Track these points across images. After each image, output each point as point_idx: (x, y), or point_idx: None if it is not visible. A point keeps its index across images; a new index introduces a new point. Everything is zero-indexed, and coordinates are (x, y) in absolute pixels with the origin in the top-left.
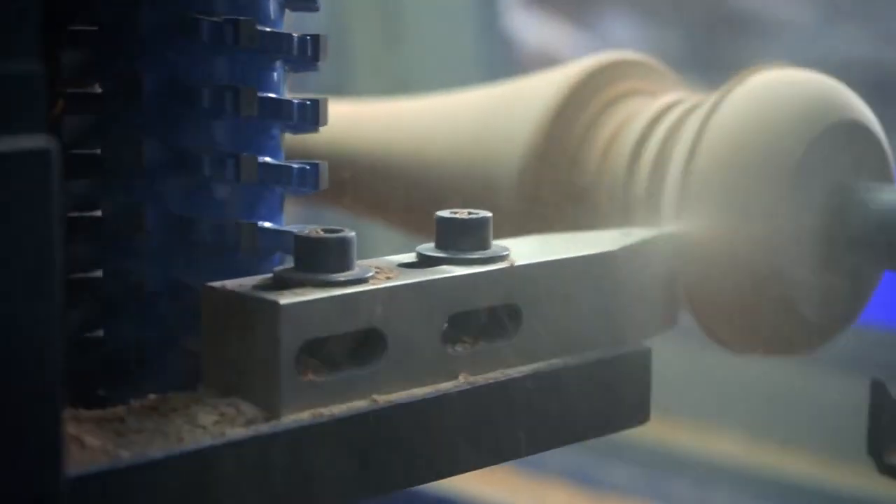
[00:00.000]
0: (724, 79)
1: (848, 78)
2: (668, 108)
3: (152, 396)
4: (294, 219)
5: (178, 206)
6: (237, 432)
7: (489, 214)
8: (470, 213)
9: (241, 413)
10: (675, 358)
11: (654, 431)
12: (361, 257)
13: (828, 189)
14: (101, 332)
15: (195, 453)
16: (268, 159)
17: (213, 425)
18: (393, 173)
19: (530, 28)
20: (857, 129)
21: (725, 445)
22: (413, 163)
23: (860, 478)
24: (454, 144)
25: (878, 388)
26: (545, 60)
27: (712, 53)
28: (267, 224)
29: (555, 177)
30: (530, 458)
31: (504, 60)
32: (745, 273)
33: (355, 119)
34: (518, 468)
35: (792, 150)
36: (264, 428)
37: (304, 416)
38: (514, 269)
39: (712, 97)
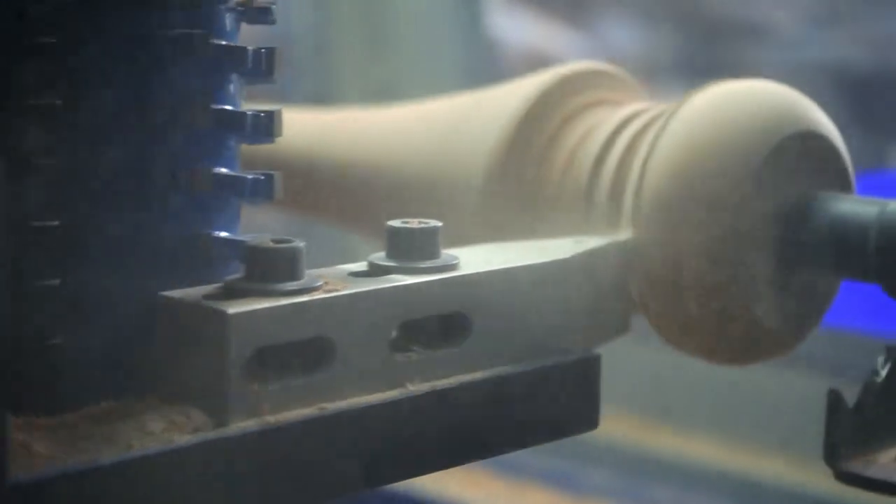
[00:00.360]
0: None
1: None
2: (631, 118)
3: (105, 404)
4: (282, 228)
5: (136, 216)
6: (185, 439)
7: (439, 224)
8: (420, 223)
9: (190, 420)
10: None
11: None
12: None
13: (786, 199)
14: (57, 341)
15: (143, 460)
16: (222, 170)
17: (161, 432)
18: (359, 183)
19: (524, 30)
20: (815, 140)
21: (700, 448)
22: (378, 172)
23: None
24: (420, 154)
25: (833, 397)
26: (538, 63)
27: (708, 56)
28: (223, 234)
29: (518, 187)
30: (510, 461)
31: (489, 65)
32: (702, 282)
33: (323, 128)
34: (497, 471)
35: (748, 159)
36: (212, 435)
37: (251, 424)
38: (462, 278)
39: (672, 107)
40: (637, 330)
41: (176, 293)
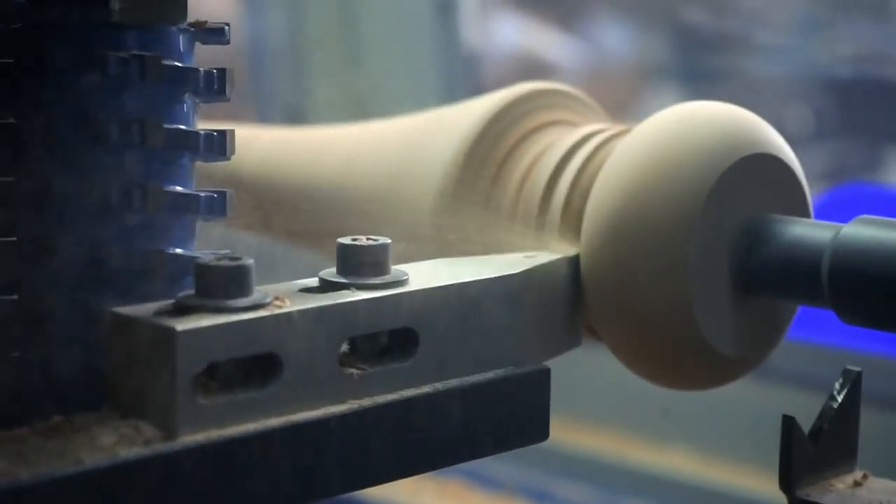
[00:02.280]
0: (710, 87)
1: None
2: (586, 139)
3: (57, 418)
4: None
5: (90, 233)
6: (134, 452)
7: (388, 241)
8: (369, 240)
9: (140, 434)
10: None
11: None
12: None
13: (739, 222)
14: (10, 356)
15: (92, 473)
16: (176, 188)
17: (112, 446)
18: (318, 201)
19: (515, 35)
20: (769, 163)
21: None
22: (336, 190)
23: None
24: (377, 172)
25: (788, 424)
26: (529, 68)
27: (699, 62)
28: (177, 251)
29: (472, 207)
30: (485, 473)
31: (467, 74)
32: (652, 307)
33: (285, 147)
34: (472, 483)
35: (700, 182)
36: (161, 448)
37: (199, 437)
38: (411, 294)
39: (627, 128)
40: None
41: (127, 309)
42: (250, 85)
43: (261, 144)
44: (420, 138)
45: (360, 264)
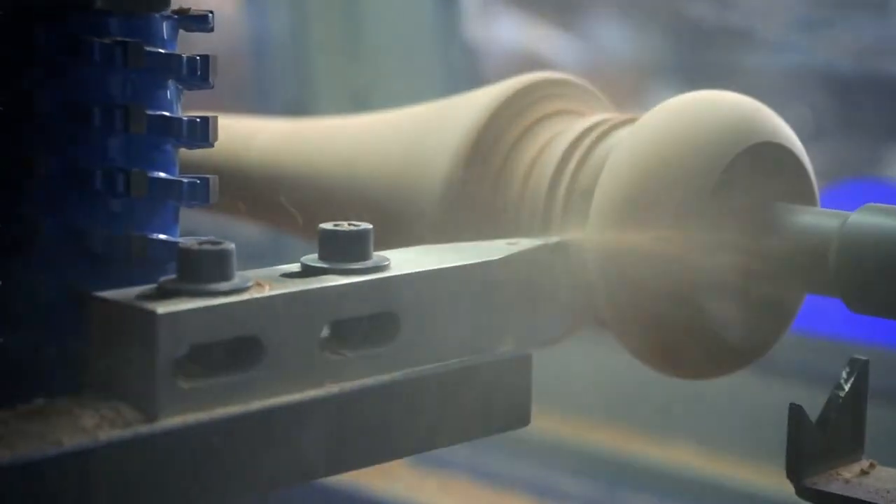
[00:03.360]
0: (711, 83)
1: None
2: (592, 128)
3: (38, 401)
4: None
5: (73, 218)
6: (114, 434)
7: (370, 226)
8: (351, 225)
9: (120, 416)
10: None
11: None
12: None
13: (747, 210)
14: None
15: (73, 455)
16: (160, 174)
17: (92, 428)
18: (321, 192)
19: (514, 34)
20: (776, 151)
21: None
22: (340, 182)
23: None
24: (381, 164)
25: (795, 412)
26: (528, 67)
27: (699, 59)
28: (159, 236)
29: (478, 197)
30: (488, 468)
31: (469, 70)
32: (658, 295)
33: (286, 138)
34: (474, 478)
35: (707, 171)
36: (141, 430)
37: (179, 420)
38: (391, 279)
39: (633, 118)
40: None
41: (109, 293)
42: (252, 81)
43: (264, 136)
44: (425, 129)
45: (341, 249)
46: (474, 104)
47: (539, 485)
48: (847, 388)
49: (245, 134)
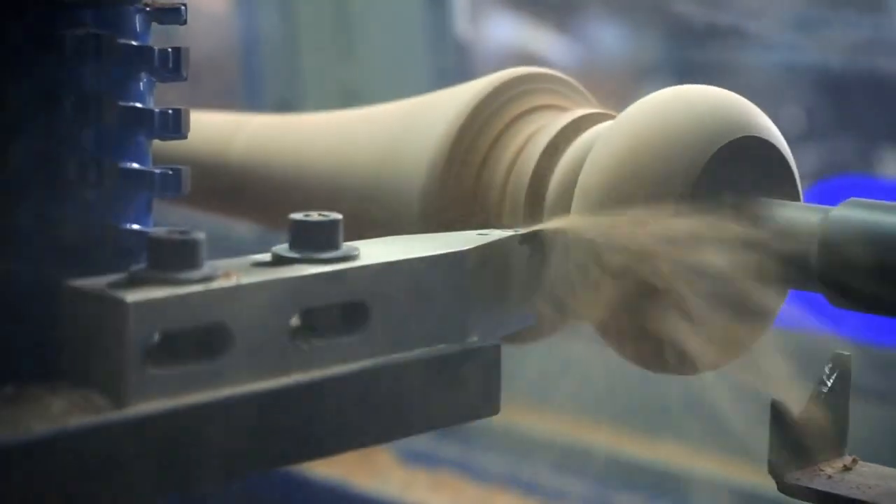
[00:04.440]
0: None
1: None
2: (574, 123)
3: (8, 388)
4: None
5: (46, 208)
6: (84, 420)
7: (339, 216)
8: (321, 215)
9: (90, 403)
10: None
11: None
12: None
13: (728, 204)
14: None
15: (41, 441)
16: (132, 164)
17: (61, 414)
18: (305, 187)
19: (508, 33)
20: (759, 146)
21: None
22: (324, 177)
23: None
24: (365, 158)
25: (777, 408)
26: (520, 62)
27: (694, 58)
28: (133, 226)
29: (459, 192)
30: (477, 465)
31: (460, 69)
32: (640, 291)
33: (270, 133)
34: (464, 475)
35: (688, 165)
36: (110, 417)
37: (148, 407)
38: (360, 269)
39: (615, 113)
40: None
41: (80, 282)
42: (242, 79)
43: (248, 130)
44: (409, 124)
45: (311, 239)
46: (457, 99)
47: (526, 481)
48: (829, 383)
49: (228, 129)
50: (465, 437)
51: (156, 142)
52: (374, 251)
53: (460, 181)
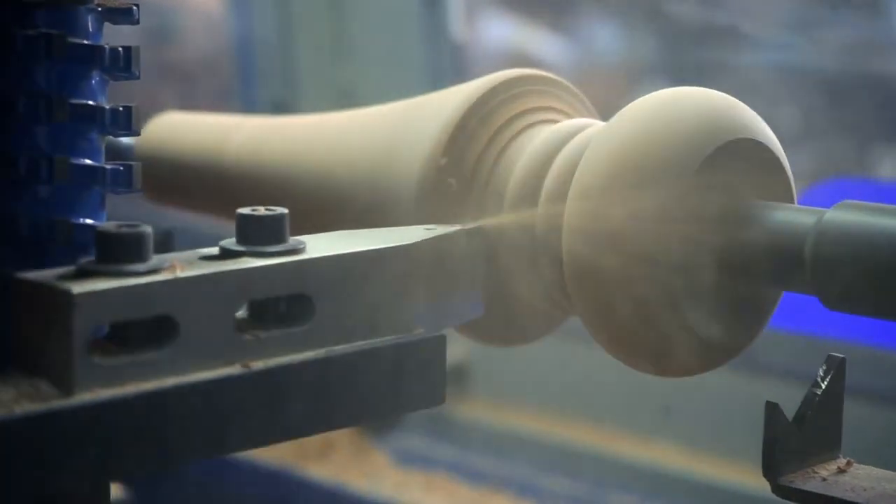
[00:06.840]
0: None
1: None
2: (569, 125)
3: None
4: None
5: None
6: (30, 408)
7: (285, 211)
8: (268, 210)
9: (38, 391)
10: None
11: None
12: None
13: (722, 206)
14: None
15: None
16: (83, 161)
17: (9, 402)
18: (299, 189)
19: (505, 34)
20: (753, 148)
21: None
22: (320, 178)
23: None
24: (359, 159)
25: (772, 410)
26: (516, 64)
27: (690, 59)
28: (85, 220)
29: (453, 193)
30: (472, 469)
31: (456, 69)
32: (633, 292)
33: (264, 135)
34: (458, 478)
35: (683, 167)
36: (56, 404)
37: (93, 395)
38: (305, 262)
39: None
40: None
41: (29, 274)
42: (238, 80)
43: (244, 132)
44: (402, 125)
45: (258, 233)
46: (451, 101)
47: (520, 482)
48: (824, 385)
49: (224, 131)
50: (459, 438)
51: (152, 143)
52: (319, 245)
53: (454, 181)
